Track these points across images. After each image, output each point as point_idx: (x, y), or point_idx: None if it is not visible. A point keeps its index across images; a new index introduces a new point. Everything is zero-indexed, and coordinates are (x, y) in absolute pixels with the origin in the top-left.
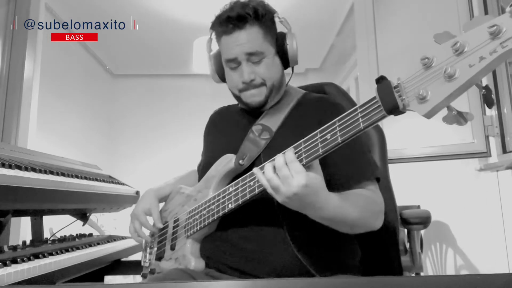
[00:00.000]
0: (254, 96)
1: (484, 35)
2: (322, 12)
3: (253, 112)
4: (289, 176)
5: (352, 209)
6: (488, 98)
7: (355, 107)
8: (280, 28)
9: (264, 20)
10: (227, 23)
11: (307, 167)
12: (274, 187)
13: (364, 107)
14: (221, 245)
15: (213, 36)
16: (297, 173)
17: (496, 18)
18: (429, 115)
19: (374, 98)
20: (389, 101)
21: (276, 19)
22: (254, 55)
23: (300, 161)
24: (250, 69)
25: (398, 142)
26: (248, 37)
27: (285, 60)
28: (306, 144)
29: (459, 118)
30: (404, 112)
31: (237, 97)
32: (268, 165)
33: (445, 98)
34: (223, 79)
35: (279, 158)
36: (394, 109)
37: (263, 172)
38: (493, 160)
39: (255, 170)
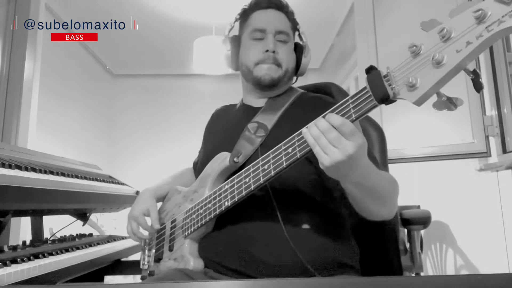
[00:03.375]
0: (270, 70)
1: (470, 20)
2: (322, 12)
3: (250, 110)
4: (340, 137)
5: (386, 181)
6: (477, 83)
7: (347, 97)
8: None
9: (292, 17)
10: (265, 1)
11: None
12: (324, 145)
13: (355, 98)
14: (219, 244)
15: (236, 24)
16: (351, 135)
17: (481, 2)
18: (419, 102)
19: (365, 88)
20: (379, 90)
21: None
22: (282, 34)
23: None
24: (276, 43)
25: (398, 142)
26: (280, 18)
27: (297, 68)
28: (298, 138)
29: (449, 103)
30: (395, 101)
31: (249, 72)
32: (312, 125)
33: (434, 85)
34: (235, 66)
35: (320, 121)
36: (385, 98)
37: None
38: (493, 160)
39: (304, 129)
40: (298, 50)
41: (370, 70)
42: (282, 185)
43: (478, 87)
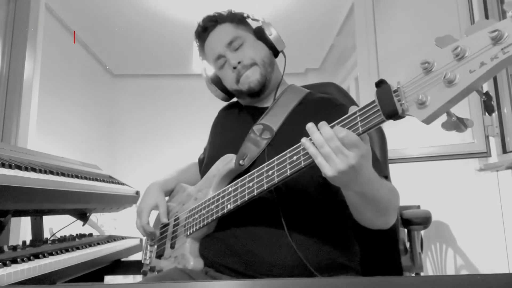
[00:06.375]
0: (249, 77)
1: (486, 40)
2: (322, 12)
3: (256, 110)
4: (341, 147)
5: (387, 191)
6: (488, 105)
7: (354, 110)
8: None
9: (232, 17)
10: (202, 31)
11: None
12: (326, 155)
13: (363, 111)
14: (220, 245)
15: (205, 64)
16: (353, 146)
17: (498, 22)
18: (428, 120)
19: (373, 102)
20: (388, 105)
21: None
22: (233, 42)
23: (299, 163)
24: (235, 54)
25: (398, 142)
26: (222, 31)
27: (273, 48)
28: (302, 147)
29: (459, 124)
30: (403, 117)
31: (238, 92)
32: (317, 134)
33: (445, 104)
34: (229, 94)
35: (323, 129)
36: (393, 114)
37: (312, 142)
38: (493, 160)
39: (304, 139)
40: (260, 33)
41: (380, 83)
42: (286, 186)
43: (489, 109)
